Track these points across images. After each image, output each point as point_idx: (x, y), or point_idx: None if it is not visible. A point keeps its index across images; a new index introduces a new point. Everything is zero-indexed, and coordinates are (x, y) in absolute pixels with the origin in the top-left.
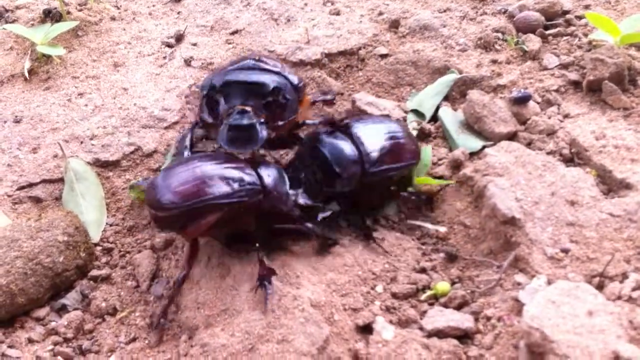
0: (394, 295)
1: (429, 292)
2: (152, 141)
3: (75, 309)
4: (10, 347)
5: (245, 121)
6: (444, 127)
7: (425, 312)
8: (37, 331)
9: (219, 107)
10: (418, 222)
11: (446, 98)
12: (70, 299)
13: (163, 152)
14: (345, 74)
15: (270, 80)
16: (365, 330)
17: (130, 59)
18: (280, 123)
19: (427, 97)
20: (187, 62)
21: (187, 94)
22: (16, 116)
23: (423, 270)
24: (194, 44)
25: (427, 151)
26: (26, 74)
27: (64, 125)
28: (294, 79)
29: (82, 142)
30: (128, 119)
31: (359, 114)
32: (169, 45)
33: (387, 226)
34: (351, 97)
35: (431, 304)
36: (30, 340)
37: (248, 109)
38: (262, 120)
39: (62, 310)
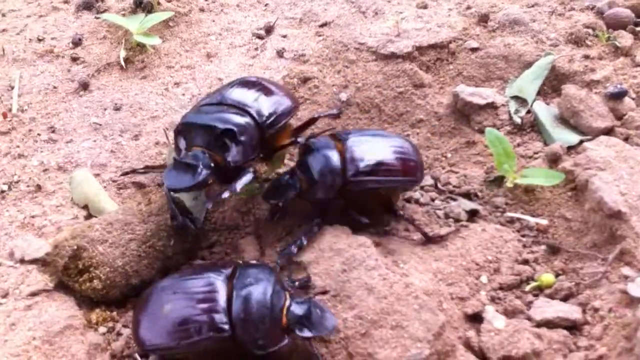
0: (499, 286)
1: (533, 284)
2: None
3: None
4: (124, 326)
5: (187, 160)
6: (538, 120)
7: (530, 303)
8: None
9: (181, 148)
10: (518, 215)
11: (538, 93)
12: None
13: None
14: (435, 67)
15: (225, 122)
16: (474, 319)
17: (222, 50)
18: (235, 163)
19: (527, 83)
20: (280, 54)
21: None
22: (116, 104)
23: (525, 262)
24: (284, 36)
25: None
26: (122, 63)
27: (162, 113)
28: (261, 116)
29: None
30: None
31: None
32: (260, 37)
33: (487, 218)
34: (452, 91)
35: (535, 295)
36: None
37: (199, 151)
38: (209, 162)
39: None
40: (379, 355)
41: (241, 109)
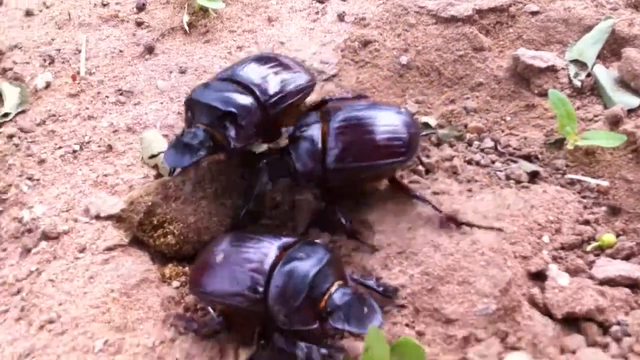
0: (561, 246)
1: (594, 244)
2: (313, 93)
3: None
4: None
5: (186, 139)
6: (598, 84)
7: (592, 262)
8: None
9: (189, 123)
10: (578, 177)
11: (598, 56)
12: None
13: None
14: (495, 31)
15: (226, 103)
16: (537, 277)
17: (283, 14)
18: (236, 145)
19: (587, 46)
20: (340, 17)
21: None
22: (181, 67)
23: (587, 223)
24: (344, 0)
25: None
26: (186, 27)
27: None
28: (266, 95)
29: None
30: None
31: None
32: (320, 1)
33: (547, 180)
34: (513, 54)
35: (597, 255)
36: None
37: (201, 129)
38: (209, 142)
39: None
40: (446, 310)
41: (247, 87)
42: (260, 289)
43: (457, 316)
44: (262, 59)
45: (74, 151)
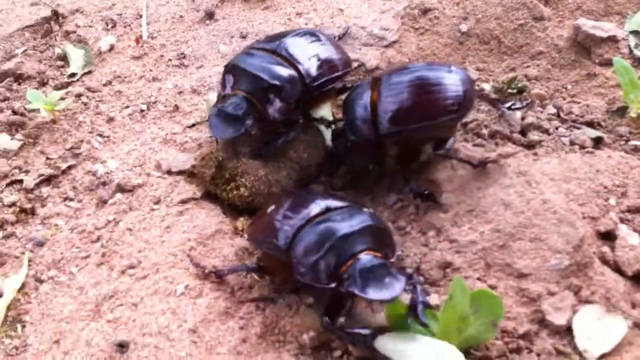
0: (627, 209)
1: None
2: (374, 58)
3: None
4: None
5: (230, 109)
6: None
7: None
8: None
9: (227, 88)
10: None
11: None
12: None
13: (384, 69)
14: (554, 1)
15: (272, 75)
16: (606, 237)
17: None
18: (275, 118)
19: None
20: None
21: None
22: (241, 32)
23: None
24: None
25: None
26: None
27: None
28: (310, 76)
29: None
30: (349, 37)
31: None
32: None
33: (611, 146)
34: (573, 24)
35: None
36: None
37: (241, 96)
38: (251, 111)
39: None
40: (518, 264)
41: (293, 64)
42: (287, 240)
43: (530, 270)
44: (308, 35)
45: (142, 110)
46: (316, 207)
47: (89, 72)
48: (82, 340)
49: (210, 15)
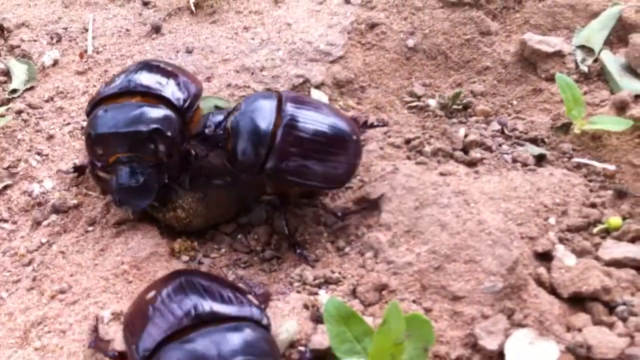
0: (567, 228)
1: (601, 226)
2: (320, 74)
3: (260, 225)
4: (204, 256)
5: (130, 182)
6: (605, 69)
7: (598, 244)
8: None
9: (101, 155)
10: (585, 160)
11: (605, 42)
12: (255, 216)
13: (330, 85)
14: (502, 15)
15: (147, 123)
16: (544, 257)
17: None
18: (169, 158)
19: (594, 32)
20: (347, 0)
21: None
22: (187, 47)
23: (593, 206)
24: None
25: None
26: (192, 8)
27: (233, 56)
28: (179, 99)
29: (252, 73)
30: (294, 53)
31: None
32: None
33: (553, 163)
34: (520, 39)
35: (603, 237)
36: None
37: (132, 158)
38: (149, 169)
39: (248, 226)
40: (453, 287)
41: (155, 95)
42: (145, 354)
43: (464, 293)
44: (151, 67)
45: (82, 127)
46: (186, 316)
47: (32, 88)
48: None
49: (157, 30)
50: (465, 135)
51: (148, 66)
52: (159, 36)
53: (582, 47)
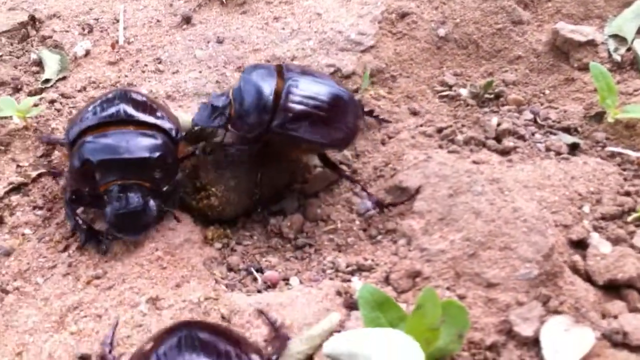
0: (602, 216)
1: (635, 215)
2: (350, 63)
3: (292, 213)
4: (237, 243)
5: (132, 206)
6: (638, 58)
7: (632, 232)
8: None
9: (95, 181)
10: (618, 149)
11: (638, 31)
12: (287, 203)
13: (361, 74)
14: (533, 5)
15: (152, 149)
16: (578, 245)
17: None
18: (166, 185)
19: (627, 21)
20: None
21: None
22: (218, 37)
23: (627, 194)
24: None
25: None
26: None
27: (264, 46)
28: (172, 129)
29: (283, 63)
30: (325, 42)
31: None
32: None
33: (587, 152)
34: (552, 28)
35: (637, 226)
36: None
37: (129, 185)
38: (146, 196)
39: (280, 213)
40: (487, 274)
41: (150, 125)
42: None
43: (499, 280)
44: (132, 97)
45: None
46: None
47: (64, 78)
48: (45, 352)
49: (187, 20)
50: (498, 124)
51: (130, 96)
52: (190, 26)
53: (614, 36)
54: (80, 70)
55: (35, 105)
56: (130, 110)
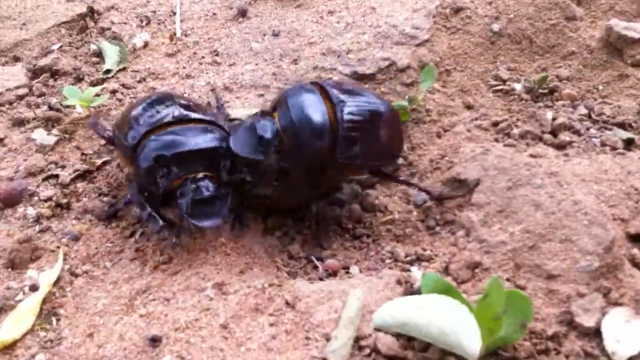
0: None
1: None
2: (405, 57)
3: (350, 203)
4: (297, 232)
5: (209, 194)
6: None
7: None
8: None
9: (165, 178)
10: None
11: None
12: (345, 194)
13: (415, 67)
14: (587, 1)
15: (221, 140)
16: (636, 239)
17: None
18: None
19: None
20: None
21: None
22: (274, 30)
23: None
24: None
25: None
26: None
27: (319, 39)
28: (223, 125)
29: (339, 56)
30: (380, 36)
31: None
32: None
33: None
34: (605, 25)
35: None
36: None
37: (203, 177)
38: (218, 183)
39: (338, 203)
40: (548, 266)
41: (208, 122)
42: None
43: (560, 272)
44: (179, 98)
45: None
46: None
47: (124, 69)
48: (116, 333)
49: (243, 13)
50: (554, 119)
51: (176, 98)
52: (245, 20)
53: None
54: (139, 62)
55: (97, 95)
56: (183, 110)
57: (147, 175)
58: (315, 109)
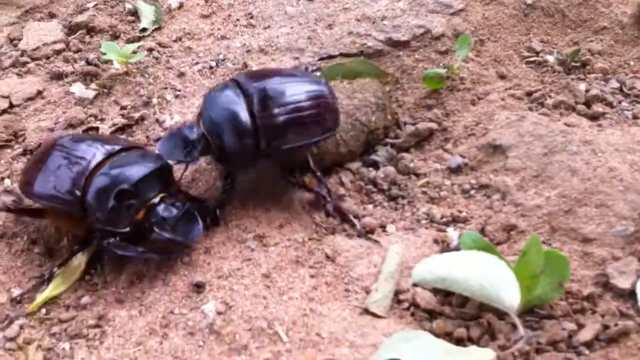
0: None
1: None
2: (440, 25)
3: (385, 165)
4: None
5: (179, 212)
6: None
7: None
8: (348, 179)
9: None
10: None
11: None
12: (381, 156)
13: (450, 36)
14: None
15: (159, 158)
16: None
17: None
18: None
19: None
20: None
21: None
22: None
23: None
24: None
25: None
26: None
27: (354, 6)
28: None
29: (373, 22)
30: (415, 4)
31: None
32: None
33: None
34: (637, 1)
35: None
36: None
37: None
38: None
39: (373, 165)
40: (583, 230)
41: (135, 147)
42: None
43: (595, 236)
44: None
45: (211, 67)
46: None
47: (159, 28)
48: (159, 279)
49: None
50: (587, 90)
51: (76, 139)
52: None
53: None
54: (175, 22)
55: (134, 52)
56: (103, 145)
57: (111, 215)
58: (233, 106)
